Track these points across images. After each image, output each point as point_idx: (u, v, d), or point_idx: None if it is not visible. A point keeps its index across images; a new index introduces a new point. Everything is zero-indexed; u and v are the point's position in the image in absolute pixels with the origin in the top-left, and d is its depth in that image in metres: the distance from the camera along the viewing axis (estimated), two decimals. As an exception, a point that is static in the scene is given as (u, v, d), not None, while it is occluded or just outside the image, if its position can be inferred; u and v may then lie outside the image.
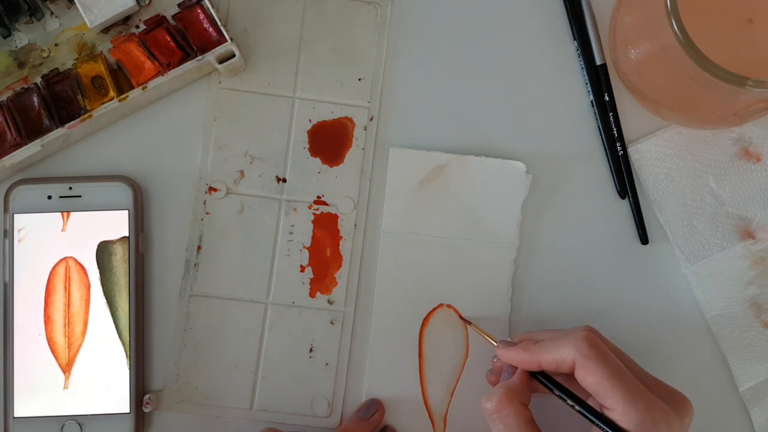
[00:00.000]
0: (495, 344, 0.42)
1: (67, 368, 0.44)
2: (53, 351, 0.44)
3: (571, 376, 0.38)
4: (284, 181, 0.46)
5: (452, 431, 0.45)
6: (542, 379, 0.39)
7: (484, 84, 0.48)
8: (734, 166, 0.47)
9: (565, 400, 0.38)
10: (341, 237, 0.46)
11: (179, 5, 0.46)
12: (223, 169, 0.46)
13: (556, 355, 0.38)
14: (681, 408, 0.37)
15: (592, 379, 0.36)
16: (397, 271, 0.46)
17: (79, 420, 0.43)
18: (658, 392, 0.37)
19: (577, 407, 0.38)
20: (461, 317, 0.45)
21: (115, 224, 0.45)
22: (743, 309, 0.46)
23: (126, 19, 0.46)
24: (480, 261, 0.46)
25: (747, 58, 0.40)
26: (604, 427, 0.36)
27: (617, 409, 0.36)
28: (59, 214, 0.44)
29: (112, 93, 0.45)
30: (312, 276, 0.46)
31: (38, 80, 0.45)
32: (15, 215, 0.44)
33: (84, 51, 0.46)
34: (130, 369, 0.44)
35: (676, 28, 0.38)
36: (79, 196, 0.45)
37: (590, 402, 0.38)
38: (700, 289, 0.46)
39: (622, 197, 0.47)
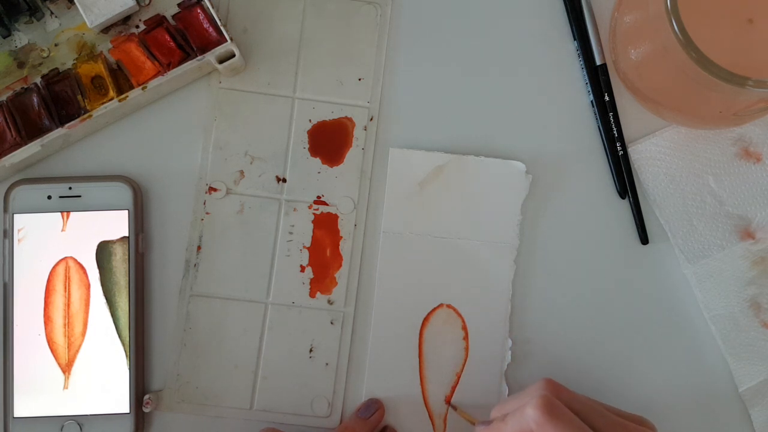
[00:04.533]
0: (475, 427, 0.41)
1: (67, 368, 0.44)
2: (53, 351, 0.44)
3: None
4: (284, 181, 0.46)
5: (452, 431, 0.45)
6: None
7: (484, 84, 0.48)
8: (734, 166, 0.47)
9: None
10: (341, 237, 0.46)
11: (179, 5, 0.46)
12: (223, 169, 0.46)
13: (518, 428, 0.37)
14: None
15: None
16: (397, 271, 0.46)
17: (79, 420, 0.43)
18: None
19: None
20: (449, 403, 0.45)
21: (115, 224, 0.45)
22: (743, 309, 0.46)
23: (126, 19, 0.46)
24: (480, 261, 0.46)
25: (747, 58, 0.40)
26: None
27: None
28: (59, 214, 0.44)
29: (112, 93, 0.45)
30: (312, 276, 0.46)
31: (38, 80, 0.45)
32: (15, 215, 0.44)
33: (84, 51, 0.46)
34: (130, 369, 0.44)
35: (676, 28, 0.38)
36: (79, 196, 0.45)
37: None
38: (700, 289, 0.46)
39: (622, 197, 0.47)
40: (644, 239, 0.47)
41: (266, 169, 0.46)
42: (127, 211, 0.45)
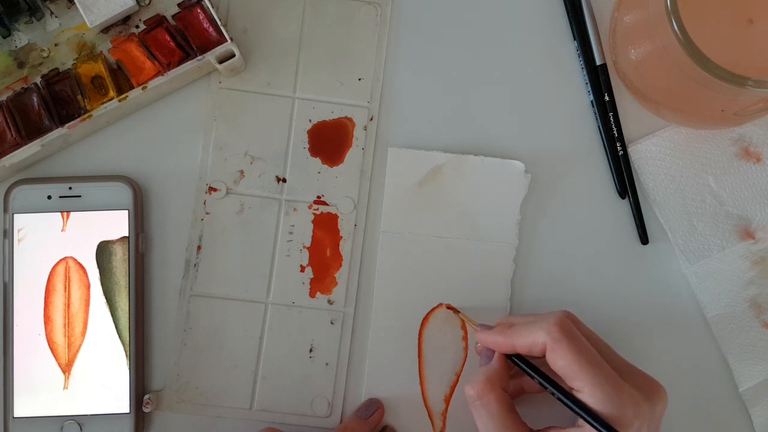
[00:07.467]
0: (475, 328, 0.42)
1: (67, 368, 0.44)
2: (53, 351, 0.44)
3: (544, 358, 0.39)
4: (284, 181, 0.46)
5: (451, 431, 0.45)
6: (518, 361, 0.40)
7: (484, 84, 0.48)
8: (734, 166, 0.47)
9: (540, 382, 0.39)
10: (341, 237, 0.46)
11: (179, 5, 0.46)
12: (223, 169, 0.46)
13: (529, 339, 0.38)
14: (653, 394, 0.38)
15: (561, 363, 0.37)
16: (397, 271, 0.46)
17: (79, 420, 0.43)
18: (631, 378, 0.38)
19: (549, 388, 0.39)
20: (449, 306, 0.45)
21: (115, 224, 0.45)
22: (743, 309, 0.46)
23: (126, 19, 0.46)
24: (479, 261, 0.46)
25: (747, 58, 0.40)
26: (574, 408, 0.37)
27: (585, 391, 0.36)
28: (59, 214, 0.44)
29: (112, 93, 0.45)
30: (312, 276, 0.46)
31: (38, 80, 0.45)
32: (15, 215, 0.44)
33: (84, 51, 0.46)
34: (130, 369, 0.44)
35: (676, 28, 0.38)
36: (79, 196, 0.45)
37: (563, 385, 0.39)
38: (700, 289, 0.46)
39: (622, 197, 0.47)
40: (644, 239, 0.47)
41: (266, 169, 0.46)
42: (127, 211, 0.45)
